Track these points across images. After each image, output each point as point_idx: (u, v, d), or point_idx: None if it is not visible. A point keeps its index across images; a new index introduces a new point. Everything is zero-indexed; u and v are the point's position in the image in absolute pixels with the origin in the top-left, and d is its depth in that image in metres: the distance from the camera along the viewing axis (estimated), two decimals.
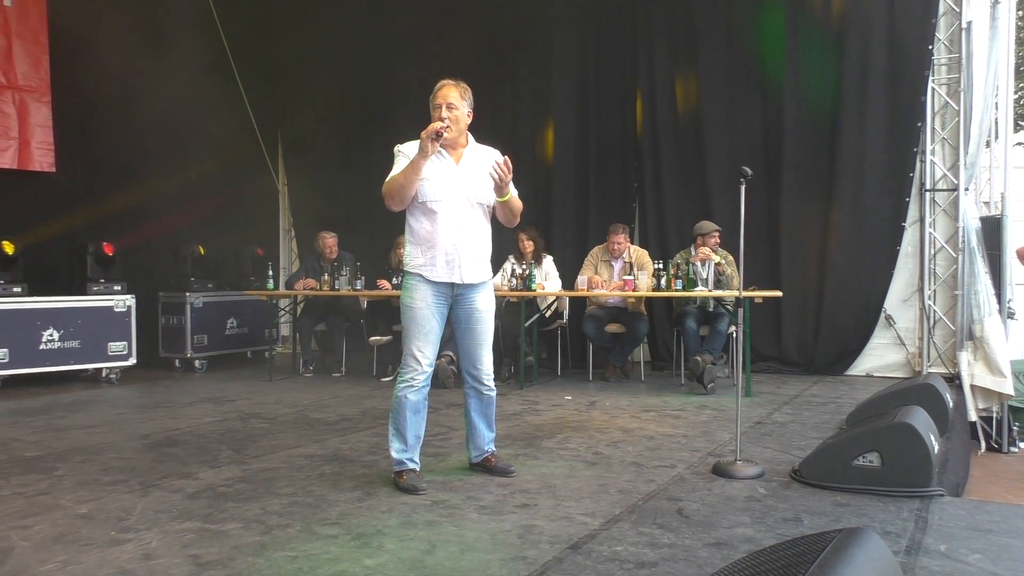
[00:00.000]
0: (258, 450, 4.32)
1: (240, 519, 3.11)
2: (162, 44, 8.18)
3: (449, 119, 3.49)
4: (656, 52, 7.70)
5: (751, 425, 4.89)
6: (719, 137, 7.44)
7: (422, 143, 3.42)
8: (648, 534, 2.93)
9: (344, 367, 7.39)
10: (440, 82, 3.59)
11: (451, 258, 3.55)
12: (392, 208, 3.56)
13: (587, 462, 4.02)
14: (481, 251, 3.65)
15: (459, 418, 5.18)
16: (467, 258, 3.58)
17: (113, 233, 7.36)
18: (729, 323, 6.33)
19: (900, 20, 6.73)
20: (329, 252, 7.52)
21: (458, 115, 3.54)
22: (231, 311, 8.20)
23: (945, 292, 6.74)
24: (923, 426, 3.52)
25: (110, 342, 7.00)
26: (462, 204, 3.57)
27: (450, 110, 3.53)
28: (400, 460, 3.56)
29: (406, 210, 3.59)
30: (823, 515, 3.17)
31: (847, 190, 6.95)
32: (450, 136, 3.50)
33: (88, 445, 4.47)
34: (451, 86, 3.57)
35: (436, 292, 3.57)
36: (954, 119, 6.67)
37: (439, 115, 3.51)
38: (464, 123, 3.60)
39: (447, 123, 3.47)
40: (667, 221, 7.70)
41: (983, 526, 3.05)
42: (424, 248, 3.56)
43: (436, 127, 3.42)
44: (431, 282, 3.55)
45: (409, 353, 3.56)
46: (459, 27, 8.50)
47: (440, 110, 3.52)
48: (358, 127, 9.25)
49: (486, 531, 2.98)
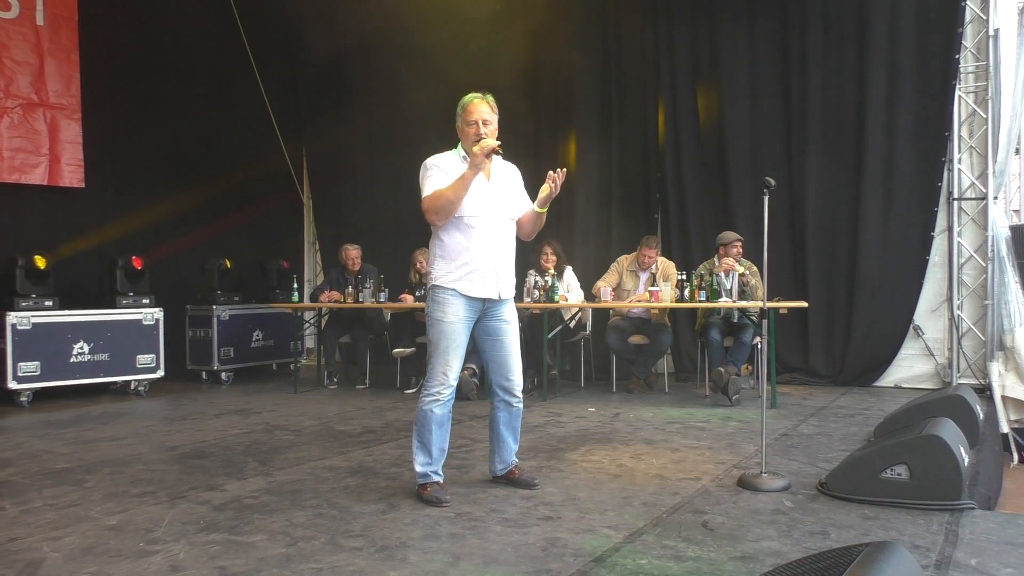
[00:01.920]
0: (283, 462, 4.35)
1: (266, 531, 3.13)
2: (189, 59, 8.35)
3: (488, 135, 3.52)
4: (678, 62, 7.70)
5: (777, 437, 4.84)
6: (742, 147, 7.41)
7: (475, 159, 3.44)
8: (673, 547, 2.91)
9: (368, 379, 7.43)
10: (469, 96, 3.60)
11: (489, 273, 3.57)
12: (436, 223, 3.56)
13: (611, 474, 4.00)
14: (512, 265, 3.72)
15: (483, 430, 5.19)
16: (504, 273, 3.63)
17: (142, 247, 7.48)
18: (754, 334, 6.28)
19: (926, 29, 6.66)
20: (352, 264, 7.58)
21: (493, 130, 3.57)
22: (257, 323, 8.28)
23: (974, 302, 6.65)
24: (952, 438, 3.47)
25: (139, 355, 7.10)
26: (498, 219, 3.60)
27: (486, 125, 3.55)
28: (424, 473, 3.55)
29: (432, 230, 3.61)
30: (851, 528, 3.13)
31: (874, 199, 6.88)
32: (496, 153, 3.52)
33: (117, 457, 4.53)
34: (481, 100, 3.58)
35: (468, 307, 3.57)
36: (982, 127, 6.59)
37: (477, 131, 3.52)
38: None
39: (500, 142, 3.49)
40: (690, 231, 7.67)
41: (1015, 540, 3.00)
42: (459, 263, 3.54)
43: (492, 145, 3.44)
44: (466, 297, 3.55)
45: (438, 368, 3.54)
46: (483, 39, 8.55)
47: (477, 126, 3.53)
48: (383, 140, 9.33)
49: (509, 544, 2.97)
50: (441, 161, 3.60)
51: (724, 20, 7.48)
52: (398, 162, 9.21)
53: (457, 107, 3.64)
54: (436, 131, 8.78)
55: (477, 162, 3.45)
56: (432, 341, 3.58)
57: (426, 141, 8.76)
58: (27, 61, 7.21)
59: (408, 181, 9.97)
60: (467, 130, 3.56)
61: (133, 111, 7.88)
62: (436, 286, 3.58)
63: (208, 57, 8.54)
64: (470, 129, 3.55)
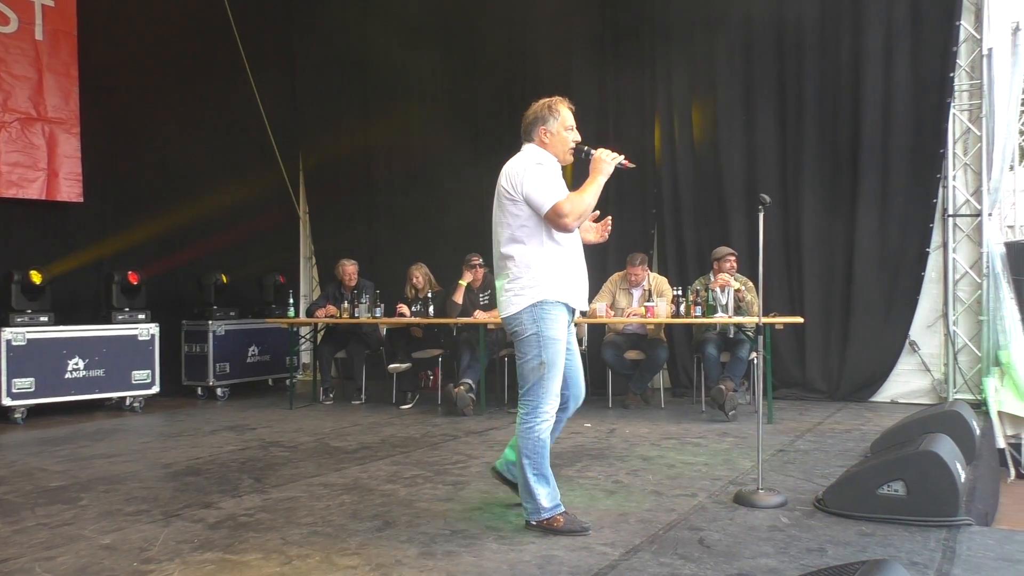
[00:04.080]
0: (278, 479, 4.34)
1: (261, 549, 3.11)
2: (187, 74, 8.38)
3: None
4: (674, 79, 7.74)
5: (773, 453, 4.83)
6: (737, 163, 7.44)
7: (607, 166, 3.37)
8: (669, 564, 2.90)
9: (364, 395, 7.41)
10: (557, 100, 3.47)
11: (584, 282, 3.49)
12: (572, 229, 3.35)
13: (607, 491, 3.99)
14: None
15: (479, 446, 5.20)
16: (587, 284, 3.55)
17: (138, 262, 7.47)
18: (750, 349, 6.28)
19: (921, 48, 6.72)
20: (349, 279, 7.56)
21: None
22: (253, 339, 8.26)
23: (969, 318, 6.66)
24: (949, 454, 3.47)
25: (134, 371, 7.08)
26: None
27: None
28: (555, 504, 3.30)
29: (519, 239, 3.33)
30: (848, 545, 3.12)
31: (870, 215, 6.91)
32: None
33: (112, 474, 4.51)
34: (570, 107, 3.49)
35: (568, 319, 3.40)
36: (976, 145, 6.63)
37: (576, 136, 3.45)
38: None
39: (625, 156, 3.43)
40: (686, 247, 7.69)
41: (1013, 556, 2.99)
42: (561, 274, 3.34)
43: (624, 160, 3.40)
44: (571, 310, 3.40)
45: (552, 389, 3.29)
46: (480, 56, 8.61)
47: (575, 131, 3.46)
48: (380, 154, 9.36)
49: (505, 561, 2.96)
50: (544, 159, 3.39)
51: (720, 39, 7.53)
52: (395, 177, 9.28)
53: (538, 109, 3.45)
54: (435, 145, 8.93)
55: (609, 169, 3.37)
56: (546, 360, 3.27)
57: (424, 156, 8.95)
58: (25, 75, 7.22)
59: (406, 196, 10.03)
60: (564, 135, 3.41)
61: (131, 126, 7.90)
62: (543, 300, 3.28)
63: (206, 72, 8.57)
64: (568, 134, 3.42)
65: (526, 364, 3.31)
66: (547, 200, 3.25)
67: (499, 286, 3.43)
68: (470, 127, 8.70)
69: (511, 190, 3.32)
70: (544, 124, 3.41)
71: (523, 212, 3.31)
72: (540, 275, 3.30)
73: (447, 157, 8.79)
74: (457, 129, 8.73)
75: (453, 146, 8.73)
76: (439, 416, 6.49)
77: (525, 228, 3.32)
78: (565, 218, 3.25)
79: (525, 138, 3.48)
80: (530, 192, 3.27)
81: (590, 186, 3.34)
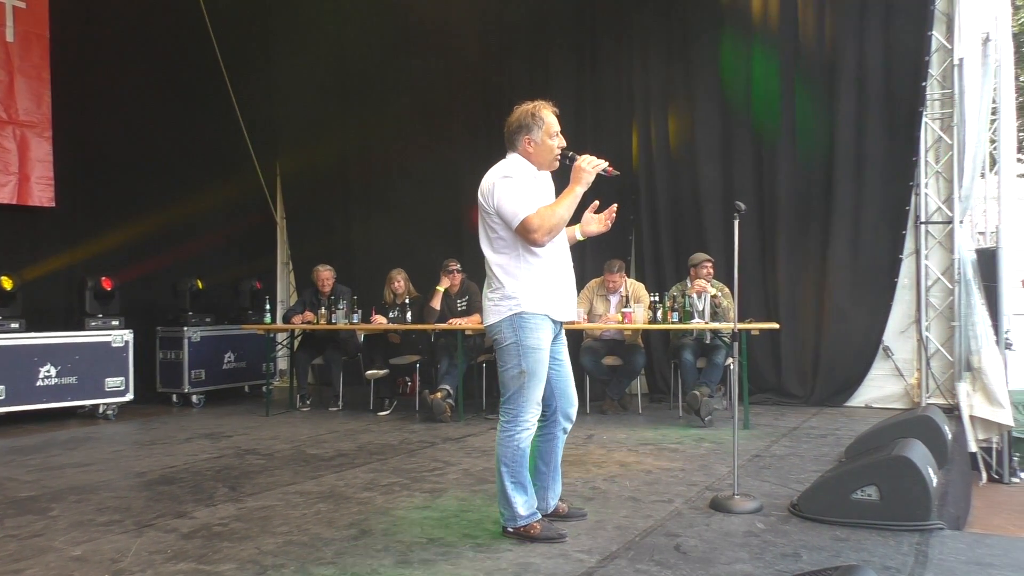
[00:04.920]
0: (254, 487, 4.30)
1: (235, 560, 3.08)
2: (161, 79, 8.30)
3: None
4: (651, 87, 7.79)
5: (749, 458, 4.86)
6: (713, 171, 7.49)
7: (587, 175, 3.33)
8: (645, 571, 2.90)
9: (341, 401, 7.37)
10: (541, 105, 3.42)
11: (571, 294, 3.45)
12: (540, 242, 3.26)
13: (584, 497, 3.99)
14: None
15: (456, 452, 5.18)
16: (574, 293, 3.53)
17: (112, 268, 7.37)
18: (726, 355, 6.32)
19: (894, 57, 6.80)
20: (323, 285, 7.51)
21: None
22: (229, 345, 8.18)
23: (942, 323, 6.75)
24: (921, 459, 3.51)
25: (107, 378, 6.98)
26: (563, 236, 3.45)
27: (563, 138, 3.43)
28: (531, 512, 3.31)
29: (498, 249, 3.31)
30: (822, 550, 3.14)
31: (844, 222, 6.97)
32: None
33: (83, 484, 4.44)
34: (554, 111, 3.44)
35: (551, 331, 3.36)
36: (948, 153, 6.72)
37: (561, 144, 3.41)
38: None
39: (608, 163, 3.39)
40: (663, 253, 7.73)
41: (984, 560, 3.03)
42: (545, 285, 3.30)
43: (605, 165, 3.36)
44: (554, 322, 3.37)
45: (532, 398, 3.27)
46: (457, 63, 8.61)
47: (560, 139, 3.41)
48: (357, 160, 9.33)
49: (482, 569, 2.95)
50: (515, 171, 3.32)
51: (696, 48, 7.59)
52: (373, 183, 9.25)
53: (522, 116, 3.39)
54: (412, 151, 8.91)
55: (589, 178, 3.32)
56: (526, 370, 3.25)
57: (402, 161, 8.93)
58: None
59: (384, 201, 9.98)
60: (549, 142, 3.37)
61: (105, 129, 7.81)
62: (524, 312, 3.25)
63: (181, 75, 8.50)
64: (553, 141, 3.37)
65: (507, 373, 3.30)
66: (516, 215, 3.23)
67: (484, 293, 3.43)
68: (447, 132, 8.69)
69: (485, 204, 3.32)
70: (528, 133, 3.37)
71: (498, 224, 3.30)
72: (519, 286, 3.28)
73: (424, 162, 8.78)
74: (435, 134, 8.72)
75: (430, 151, 8.72)
76: (417, 423, 6.46)
77: (502, 240, 3.31)
78: (534, 233, 3.22)
79: (508, 146, 3.43)
80: (500, 206, 3.26)
81: (565, 198, 3.30)
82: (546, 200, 3.37)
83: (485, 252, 3.38)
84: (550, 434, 3.47)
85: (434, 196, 8.66)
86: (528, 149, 3.38)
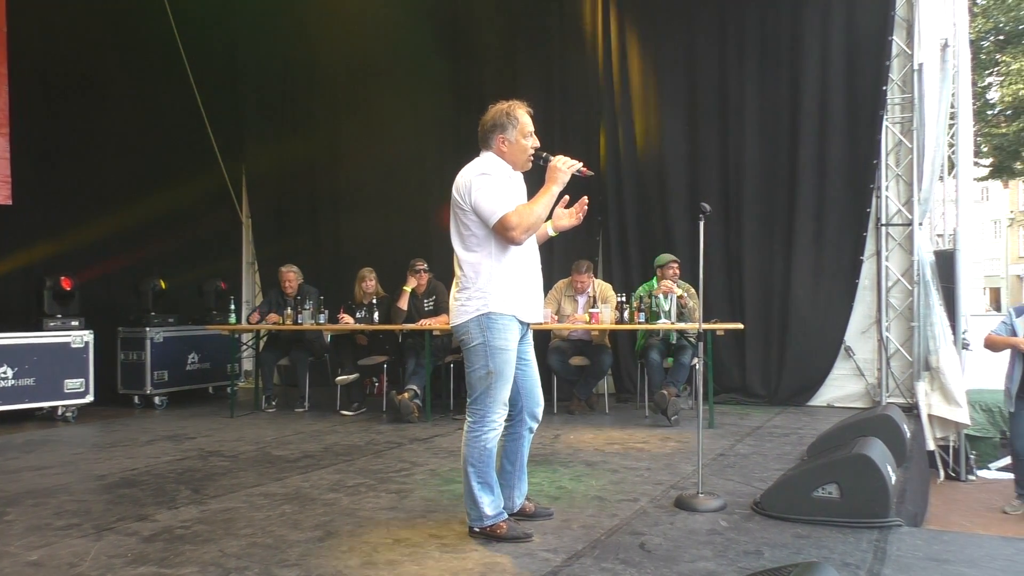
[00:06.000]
0: (217, 489, 4.24)
1: (197, 563, 3.04)
2: (124, 76, 8.17)
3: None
4: (619, 89, 7.83)
5: (714, 457, 4.92)
6: (680, 172, 7.57)
7: (562, 175, 3.30)
8: (610, 569, 2.92)
9: (308, 402, 7.30)
10: (516, 104, 3.40)
11: (538, 296, 3.45)
12: (520, 242, 3.27)
13: (551, 497, 4.01)
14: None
15: (423, 453, 5.17)
16: (542, 296, 3.51)
17: (72, 267, 7.23)
18: (692, 355, 6.38)
19: (856, 62, 6.92)
20: (288, 286, 7.43)
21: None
22: (192, 346, 8.07)
23: (902, 324, 6.88)
24: (880, 457, 3.57)
25: (67, 379, 6.85)
26: (533, 237, 3.45)
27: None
28: (498, 513, 3.30)
29: (470, 247, 3.30)
30: (784, 547, 3.19)
31: (807, 225, 7.08)
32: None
33: (41, 488, 4.35)
34: (528, 110, 3.42)
35: (518, 332, 3.35)
36: (907, 156, 6.86)
37: (535, 143, 3.40)
38: None
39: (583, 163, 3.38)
40: (630, 254, 7.78)
41: (940, 556, 3.10)
42: (514, 286, 3.30)
43: (580, 166, 3.34)
44: (521, 323, 3.35)
45: (499, 397, 3.27)
46: (423, 64, 8.58)
47: (535, 138, 3.40)
48: (324, 160, 9.26)
49: (448, 569, 2.95)
50: (492, 169, 3.31)
51: (664, 50, 7.66)
52: (339, 183, 9.19)
53: (496, 115, 3.39)
54: (379, 150, 8.87)
55: (564, 178, 3.31)
56: (493, 370, 3.24)
57: (369, 161, 8.88)
58: None
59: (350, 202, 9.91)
60: (523, 143, 3.36)
61: (64, 127, 7.67)
62: (492, 312, 3.24)
63: (144, 72, 8.37)
64: (527, 141, 3.37)
65: (474, 373, 3.30)
66: (494, 213, 3.21)
67: (452, 293, 3.42)
68: (415, 132, 8.67)
69: (461, 200, 3.30)
70: (502, 132, 3.37)
71: (472, 222, 3.28)
72: (488, 286, 3.27)
73: (392, 162, 8.75)
74: (402, 134, 8.69)
75: (397, 151, 8.69)
76: (384, 423, 6.43)
77: (475, 238, 3.29)
78: (512, 231, 3.21)
79: (483, 145, 3.43)
80: (477, 203, 3.24)
81: (541, 197, 3.30)
82: (520, 201, 3.37)
83: (456, 249, 3.36)
84: (516, 434, 3.47)
85: (401, 197, 8.63)
86: (502, 148, 3.38)
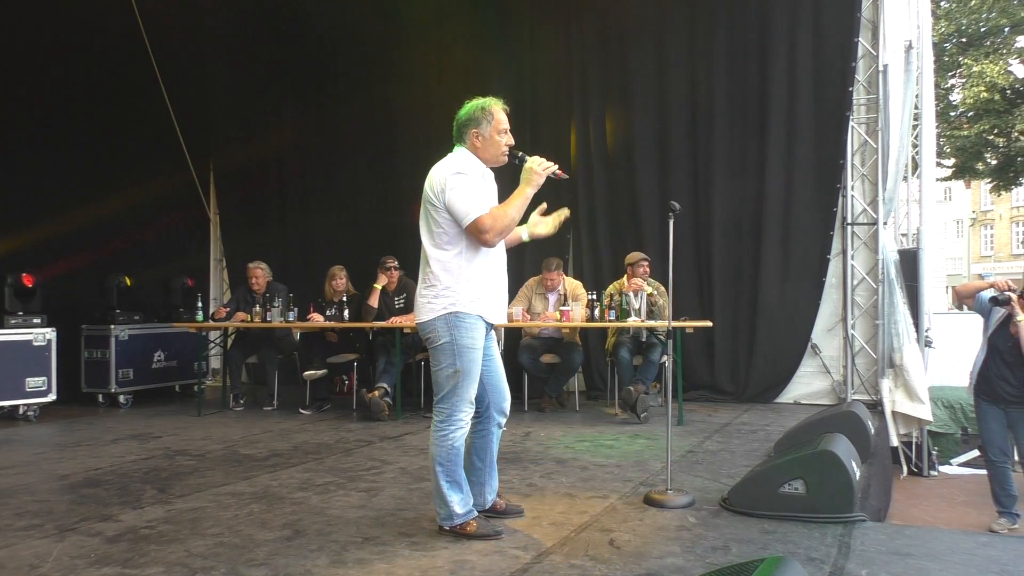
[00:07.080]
0: (184, 489, 4.19)
1: (162, 563, 3.00)
2: (88, 68, 8.01)
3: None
4: (590, 87, 7.86)
5: (683, 454, 4.96)
6: (650, 171, 7.61)
7: (537, 178, 3.29)
8: (580, 566, 2.93)
9: (276, 400, 7.23)
10: (492, 101, 3.38)
11: (503, 297, 3.44)
12: (493, 245, 3.27)
13: (521, 494, 4.01)
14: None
15: (393, 451, 5.15)
16: (506, 297, 3.51)
17: (33, 263, 7.10)
18: (662, 353, 6.43)
19: (823, 64, 7.01)
20: (256, 283, 7.35)
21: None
22: (159, 344, 7.96)
23: (867, 322, 6.98)
24: (845, 453, 3.63)
25: (28, 377, 6.71)
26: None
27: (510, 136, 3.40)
28: (468, 511, 3.30)
29: (440, 244, 3.27)
30: (751, 543, 3.22)
31: (775, 223, 7.16)
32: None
33: (1, 488, 4.26)
34: (504, 107, 3.40)
35: (484, 332, 3.33)
36: (872, 157, 6.96)
37: (510, 141, 3.38)
38: None
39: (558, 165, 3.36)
40: (601, 252, 7.81)
41: (902, 550, 3.15)
42: (478, 286, 3.27)
43: (555, 168, 3.33)
44: (487, 323, 3.32)
45: (466, 396, 3.26)
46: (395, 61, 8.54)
47: (509, 136, 3.38)
48: (293, 156, 9.18)
49: (418, 567, 2.94)
50: (466, 168, 3.28)
51: (634, 49, 7.69)
52: (308, 180, 9.12)
53: (471, 110, 3.37)
54: (349, 147, 8.81)
55: (539, 180, 3.29)
56: (461, 368, 3.23)
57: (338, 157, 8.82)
58: None
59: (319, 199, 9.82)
60: (497, 139, 3.34)
61: (25, 119, 7.50)
62: (459, 311, 3.23)
63: (110, 65, 8.21)
64: (502, 138, 3.35)
65: (440, 372, 3.28)
66: (468, 214, 3.18)
67: (418, 289, 3.39)
68: (385, 128, 8.63)
69: (434, 198, 3.27)
70: (476, 127, 3.34)
71: (444, 220, 3.26)
72: (456, 285, 3.24)
73: (362, 159, 8.71)
74: (371, 130, 8.64)
75: (367, 148, 8.65)
76: (354, 421, 6.39)
77: (445, 235, 3.27)
78: (486, 234, 3.19)
79: (457, 140, 3.41)
80: (451, 203, 3.21)
81: (516, 199, 3.28)
82: (491, 200, 3.35)
83: (425, 246, 3.33)
84: (485, 430, 3.46)
85: (371, 194, 8.59)
86: (476, 143, 3.36)
